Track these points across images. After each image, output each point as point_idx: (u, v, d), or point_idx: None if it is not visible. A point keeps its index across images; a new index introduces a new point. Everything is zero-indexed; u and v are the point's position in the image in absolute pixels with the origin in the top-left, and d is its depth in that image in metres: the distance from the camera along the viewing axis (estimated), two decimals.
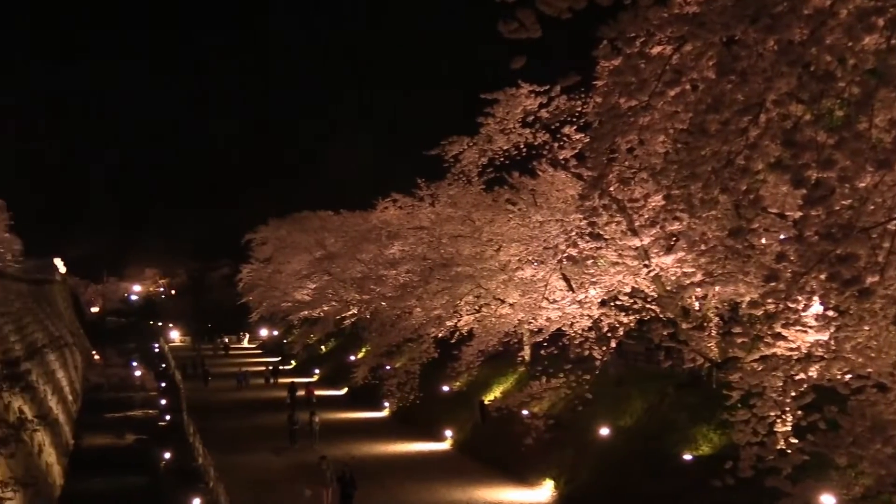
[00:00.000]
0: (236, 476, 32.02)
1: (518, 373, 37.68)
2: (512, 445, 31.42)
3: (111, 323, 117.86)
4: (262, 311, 72.61)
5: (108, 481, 33.42)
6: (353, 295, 52.87)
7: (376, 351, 41.22)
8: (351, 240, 54.48)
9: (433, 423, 40.40)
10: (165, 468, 35.41)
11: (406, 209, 44.21)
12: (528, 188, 30.68)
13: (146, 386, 64.91)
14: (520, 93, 26.25)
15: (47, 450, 31.77)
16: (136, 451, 39.90)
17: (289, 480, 32.11)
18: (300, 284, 63.73)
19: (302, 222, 65.59)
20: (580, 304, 26.77)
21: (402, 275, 40.75)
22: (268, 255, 71.33)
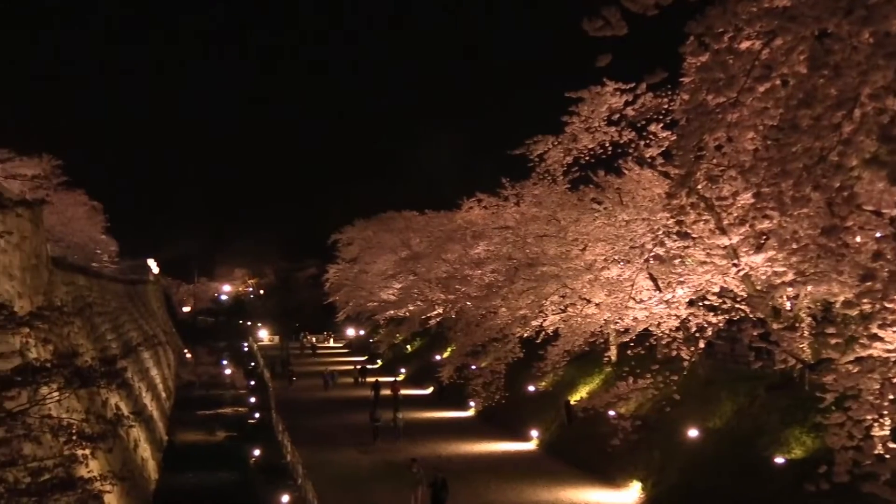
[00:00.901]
0: (323, 473, 32.40)
1: (604, 373, 37.34)
2: (598, 446, 31.16)
3: (202, 322, 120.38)
4: (348, 310, 73.31)
5: (199, 477, 34.18)
6: (438, 294, 53.05)
7: (462, 350, 41.28)
8: (436, 240, 54.69)
9: (519, 423, 40.32)
10: (255, 465, 36.04)
11: (491, 209, 44.20)
12: (613, 187, 30.40)
13: (236, 384, 66.15)
14: (605, 91, 26.02)
15: (142, 445, 32.63)
16: (226, 447, 40.71)
17: (375, 479, 32.38)
18: (386, 284, 64.19)
19: (387, 223, 66.06)
20: (667, 304, 26.41)
21: (488, 274, 40.76)
22: (354, 255, 72.02)
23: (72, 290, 33.15)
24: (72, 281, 34.36)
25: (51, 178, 43.35)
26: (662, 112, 24.29)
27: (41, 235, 26.28)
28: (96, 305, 38.75)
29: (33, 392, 11.21)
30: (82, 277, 38.44)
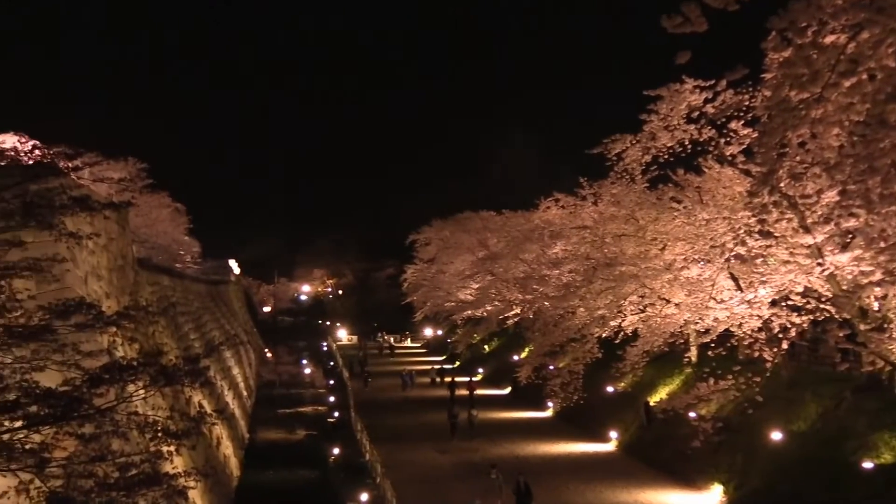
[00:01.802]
0: (402, 472, 32.60)
1: (684, 374, 36.86)
2: (678, 448, 30.79)
3: (282, 322, 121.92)
4: (425, 310, 73.57)
5: (280, 474, 34.65)
6: (515, 295, 52.97)
7: (539, 351, 41.15)
8: (513, 240, 54.61)
9: (597, 424, 40.04)
10: (334, 463, 36.40)
11: (568, 208, 44.00)
12: (693, 185, 30.00)
13: (315, 383, 66.86)
14: (684, 88, 25.70)
15: (225, 443, 33.21)
16: (306, 446, 41.19)
17: (454, 479, 32.45)
18: (463, 284, 64.29)
19: (465, 223, 66.12)
20: (749, 304, 25.95)
21: (565, 274, 40.57)
22: (431, 255, 72.24)
23: (156, 290, 33.91)
24: (156, 281, 35.15)
25: (136, 181, 44.34)
26: (743, 109, 23.90)
27: (127, 237, 26.94)
28: (180, 305, 39.56)
29: (120, 390, 11.48)
30: (166, 278, 39.29)
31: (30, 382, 10.88)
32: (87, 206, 13.27)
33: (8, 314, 11.35)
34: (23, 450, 10.16)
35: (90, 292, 19.02)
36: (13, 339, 11.19)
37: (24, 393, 10.56)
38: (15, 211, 11.89)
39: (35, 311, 11.82)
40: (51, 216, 12.35)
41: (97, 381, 11.07)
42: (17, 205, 11.89)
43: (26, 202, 11.95)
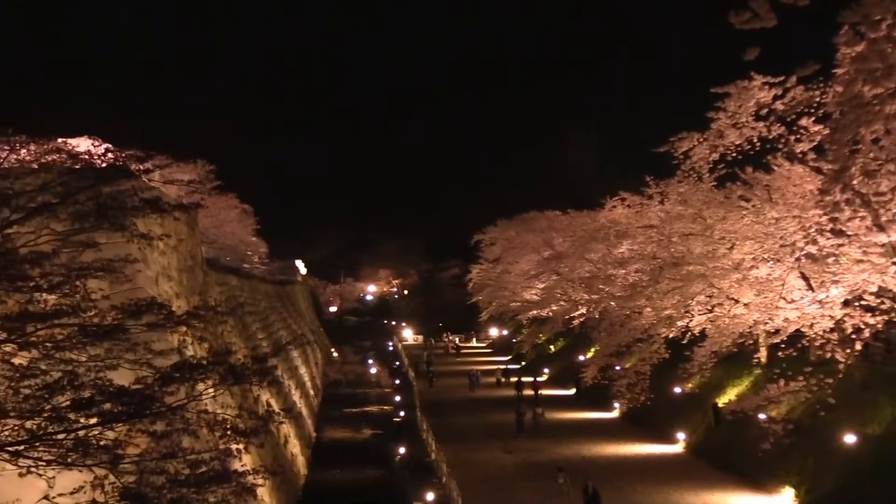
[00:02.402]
0: (467, 472, 32.63)
1: (753, 375, 36.28)
2: (748, 450, 30.33)
3: (348, 322, 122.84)
4: (491, 310, 73.51)
5: (346, 473, 34.93)
6: (581, 294, 52.69)
7: (605, 351, 40.88)
8: (579, 239, 54.35)
9: (664, 425, 39.62)
10: (400, 463, 36.57)
11: (635, 208, 43.65)
12: (762, 184, 29.53)
13: (381, 383, 67.25)
14: (753, 85, 25.34)
15: (292, 441, 33.58)
16: (372, 445, 41.46)
17: (519, 479, 32.39)
18: (529, 284, 64.15)
19: (530, 223, 65.97)
20: (821, 304, 25.49)
21: (632, 274, 40.27)
22: (496, 255, 72.18)
23: (225, 290, 34.42)
24: (225, 282, 35.69)
25: (205, 183, 45.03)
26: (814, 105, 23.51)
27: (196, 238, 27.39)
28: (247, 305, 40.12)
29: (190, 388, 11.66)
30: (234, 278, 39.87)
31: (104, 380, 11.12)
32: (158, 208, 13.51)
33: (83, 314, 11.61)
34: (97, 446, 10.39)
35: (161, 292, 19.37)
36: (88, 339, 11.45)
37: (98, 391, 10.80)
38: (89, 213, 12.15)
39: (108, 311, 12.07)
40: (123, 218, 12.60)
41: (168, 380, 11.27)
42: (91, 207, 12.15)
43: (100, 204, 12.20)
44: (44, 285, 11.56)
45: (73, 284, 11.83)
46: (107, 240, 14.26)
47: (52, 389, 10.80)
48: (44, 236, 12.17)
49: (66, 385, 10.85)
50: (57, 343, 11.31)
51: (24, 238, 12.01)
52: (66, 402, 10.68)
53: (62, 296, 11.67)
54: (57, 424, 10.38)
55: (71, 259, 12.46)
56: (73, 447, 10.31)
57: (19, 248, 11.73)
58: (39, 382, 10.99)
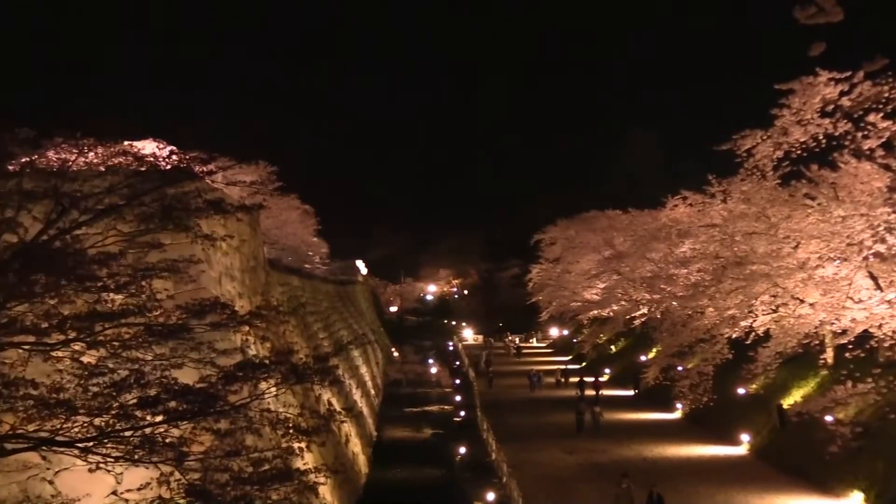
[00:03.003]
0: (528, 472, 32.55)
1: (820, 376, 35.63)
2: (814, 453, 29.79)
3: (408, 321, 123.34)
4: (551, 310, 73.27)
5: (407, 472, 35.07)
6: (642, 294, 52.26)
7: (667, 351, 40.49)
8: (640, 239, 53.94)
9: (728, 427, 39.11)
10: (460, 462, 36.62)
11: (696, 206, 43.16)
12: (828, 181, 28.98)
13: (441, 382, 67.40)
14: (818, 81, 24.92)
15: (353, 440, 33.80)
16: (432, 444, 41.56)
17: (580, 479, 32.23)
18: (589, 284, 63.80)
19: (590, 222, 65.65)
20: (890, 304, 24.97)
21: (694, 274, 39.82)
22: (556, 255, 71.91)
23: (287, 290, 34.76)
24: (287, 282, 36.04)
25: (266, 184, 45.52)
26: (882, 101, 23.03)
27: (258, 238, 27.71)
28: (309, 305, 40.46)
29: (253, 387, 11.80)
30: (296, 278, 40.24)
31: (169, 379, 11.31)
32: (221, 209, 13.69)
33: (148, 313, 11.81)
34: (163, 443, 10.57)
35: (224, 292, 19.63)
36: (153, 338, 11.65)
37: (163, 389, 10.99)
38: (154, 214, 12.35)
39: (173, 311, 12.27)
40: (187, 219, 12.79)
41: (231, 379, 11.42)
42: (156, 208, 12.35)
43: (164, 206, 12.40)
44: (111, 285, 11.79)
45: (139, 284, 12.04)
46: (171, 241, 14.48)
47: (119, 387, 11.01)
48: (111, 237, 12.40)
49: (133, 383, 11.05)
50: (124, 342, 11.52)
51: (92, 239, 12.25)
52: (133, 399, 10.88)
53: (129, 296, 11.89)
54: (124, 422, 10.58)
55: (137, 260, 12.69)
56: (139, 444, 10.50)
57: (88, 249, 11.98)
58: (107, 380, 11.22)
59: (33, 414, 10.81)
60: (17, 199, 11.92)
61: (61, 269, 11.23)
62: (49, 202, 12.02)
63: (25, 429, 10.87)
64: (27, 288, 11.02)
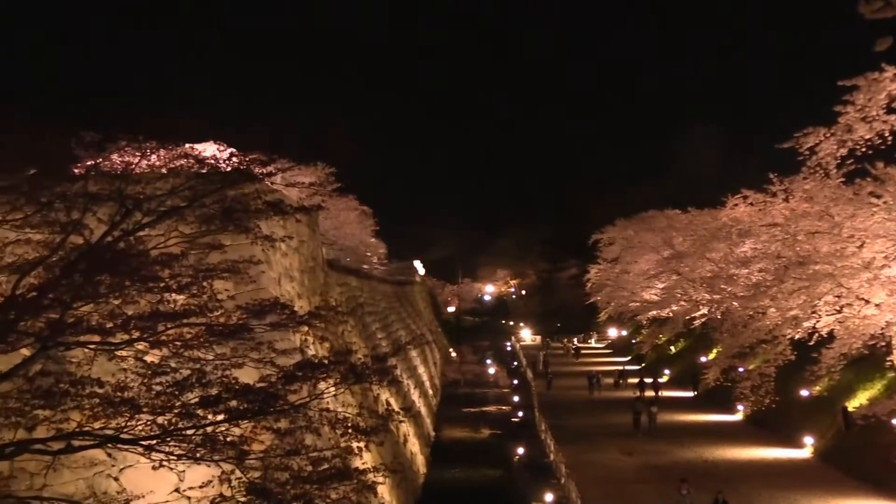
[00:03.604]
0: (586, 474, 32.37)
1: (886, 378, 34.91)
2: (881, 456, 29.22)
3: (466, 322, 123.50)
4: (609, 310, 72.86)
5: (465, 472, 35.10)
6: (702, 294, 51.71)
7: (728, 352, 39.95)
8: (699, 238, 53.38)
9: (791, 429, 38.50)
10: (518, 463, 36.58)
11: (757, 205, 42.53)
12: (894, 179, 28.38)
13: (499, 383, 67.36)
14: (884, 77, 24.39)
15: (411, 440, 33.92)
16: (490, 445, 41.57)
17: (639, 481, 31.97)
18: (648, 284, 63.34)
19: (649, 222, 65.14)
20: None
21: (755, 274, 39.29)
22: (615, 255, 71.49)
23: (345, 290, 35.00)
24: (345, 282, 36.29)
25: (325, 185, 45.90)
26: None
27: (317, 239, 27.94)
28: (367, 305, 40.73)
29: (312, 387, 11.90)
30: (354, 279, 40.50)
31: (230, 378, 11.45)
32: (281, 210, 13.84)
33: (209, 314, 11.98)
34: (224, 442, 10.71)
35: (283, 293, 19.82)
36: (214, 338, 11.80)
37: (224, 388, 11.13)
38: (215, 216, 12.52)
39: (233, 311, 12.42)
40: (247, 220, 12.94)
41: (291, 379, 11.53)
42: (217, 210, 12.52)
43: (225, 207, 12.57)
44: (173, 286, 11.98)
45: (201, 285, 12.21)
46: (232, 242, 14.66)
47: (181, 386, 11.18)
48: (173, 239, 12.60)
49: (195, 382, 11.22)
50: (186, 342, 11.70)
51: (154, 240, 12.46)
52: (195, 398, 11.04)
53: (190, 296, 12.07)
54: (186, 420, 10.74)
55: (198, 260, 12.86)
56: (201, 442, 10.65)
57: (150, 251, 12.18)
58: (170, 380, 11.40)
59: (99, 412, 11.02)
60: (83, 201, 12.16)
61: (125, 270, 11.43)
62: (113, 204, 12.24)
63: (91, 426, 11.09)
64: (92, 288, 11.23)
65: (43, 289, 11.19)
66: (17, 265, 12.54)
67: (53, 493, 14.25)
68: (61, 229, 12.23)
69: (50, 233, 12.41)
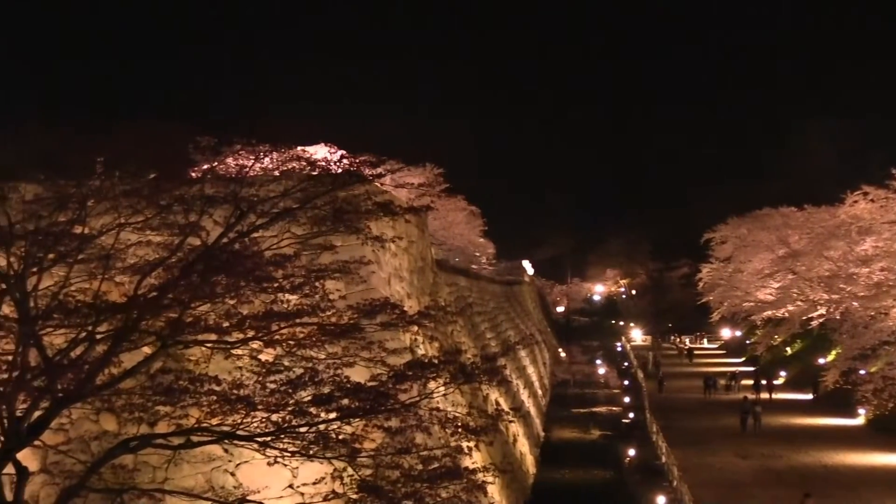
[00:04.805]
0: (699, 476, 31.71)
1: None
2: None
3: (575, 322, 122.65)
4: (722, 311, 71.40)
5: (575, 473, 34.83)
6: (820, 294, 50.15)
7: (848, 354, 38.71)
8: (816, 236, 51.87)
9: None
10: (629, 465, 36.13)
11: (879, 202, 41.09)
12: None
13: (609, 383, 66.70)
14: None
15: (521, 440, 33.83)
16: (601, 446, 41.16)
17: (756, 485, 31.15)
18: (762, 284, 61.82)
19: (763, 220, 63.62)
20: None
21: (876, 273, 37.98)
22: (728, 254, 70.04)
23: (454, 290, 35.14)
24: (454, 282, 36.43)
25: (434, 186, 46.20)
26: None
27: (426, 240, 28.12)
28: (476, 305, 40.79)
29: (423, 386, 11.99)
30: (463, 279, 40.63)
31: (341, 377, 11.62)
32: (390, 211, 13.98)
33: (321, 313, 12.18)
34: (336, 439, 10.88)
35: (393, 293, 20.00)
36: (326, 337, 12.00)
37: (336, 387, 11.31)
38: (326, 217, 12.73)
39: (345, 311, 12.61)
40: (357, 221, 13.12)
41: (401, 378, 11.64)
42: (328, 211, 12.73)
43: (336, 208, 12.77)
44: (286, 286, 12.23)
45: (313, 285, 12.44)
46: (342, 242, 14.87)
47: (294, 385, 11.41)
48: (285, 240, 12.86)
49: (308, 381, 11.42)
50: (298, 341, 11.93)
51: (268, 242, 12.74)
52: (308, 397, 11.25)
53: (303, 296, 12.30)
54: (299, 418, 10.95)
55: (310, 261, 13.11)
56: (314, 440, 10.85)
57: (264, 251, 12.46)
58: (283, 378, 11.64)
59: (216, 409, 11.33)
60: (200, 204, 12.52)
61: (240, 270, 11.72)
62: (228, 206, 12.57)
63: (209, 423, 11.40)
64: (209, 289, 11.55)
65: (163, 289, 11.56)
66: (139, 266, 13.00)
67: (174, 486, 14.71)
68: (179, 231, 12.62)
69: (169, 235, 12.83)
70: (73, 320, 11.43)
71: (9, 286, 11.73)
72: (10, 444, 11.12)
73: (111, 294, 15.12)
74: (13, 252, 11.95)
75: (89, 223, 12.75)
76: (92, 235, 12.66)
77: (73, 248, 12.21)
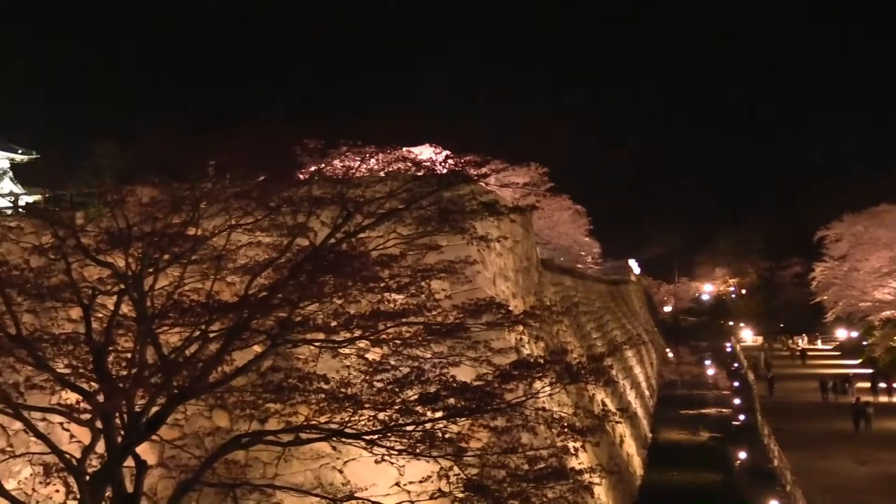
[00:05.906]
0: (814, 481, 30.79)
1: None
2: None
3: (683, 322, 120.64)
4: (837, 311, 69.43)
5: (683, 476, 34.22)
6: None
7: None
8: None
9: None
10: (740, 468, 35.37)
11: None
12: None
13: (719, 385, 65.40)
14: None
15: (628, 441, 33.43)
16: (710, 448, 40.36)
17: (873, 492, 30.09)
18: (881, 283, 59.93)
19: (881, 217, 61.67)
20: None
21: None
22: (843, 252, 68.03)
23: (559, 290, 34.91)
24: (559, 282, 36.20)
25: (538, 185, 46.05)
26: None
27: (531, 239, 28.02)
28: (582, 305, 40.45)
29: (528, 386, 11.95)
30: (569, 278, 40.34)
31: (447, 377, 11.67)
32: (495, 211, 13.98)
33: (427, 313, 12.25)
34: (442, 438, 10.93)
35: (498, 292, 19.99)
36: (432, 336, 12.07)
37: (442, 386, 11.36)
38: (431, 217, 12.80)
39: (450, 310, 12.65)
40: (462, 221, 13.15)
41: (507, 377, 11.62)
42: (433, 211, 12.79)
43: (441, 209, 12.82)
44: (393, 286, 12.34)
45: (419, 285, 12.52)
46: (448, 242, 14.93)
47: (401, 384, 11.51)
48: (391, 240, 12.98)
49: (414, 380, 11.51)
50: (405, 340, 12.02)
51: (374, 242, 12.88)
52: (414, 395, 11.33)
53: (409, 296, 12.39)
54: (406, 416, 11.04)
55: (416, 261, 13.19)
56: (420, 438, 10.92)
57: (371, 252, 12.60)
58: (390, 377, 11.75)
59: (324, 407, 11.51)
60: (308, 205, 12.74)
61: (348, 270, 11.88)
62: (335, 207, 12.75)
63: (318, 420, 11.59)
64: (317, 288, 11.74)
65: (272, 289, 11.80)
66: (249, 266, 13.30)
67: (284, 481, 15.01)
68: (288, 232, 12.87)
69: (278, 235, 13.09)
70: (188, 319, 11.77)
71: (127, 286, 12.15)
72: (130, 438, 11.52)
73: (223, 294, 15.52)
74: (131, 253, 12.37)
75: (202, 225, 13.11)
76: (204, 237, 13.01)
77: (186, 249, 12.57)
